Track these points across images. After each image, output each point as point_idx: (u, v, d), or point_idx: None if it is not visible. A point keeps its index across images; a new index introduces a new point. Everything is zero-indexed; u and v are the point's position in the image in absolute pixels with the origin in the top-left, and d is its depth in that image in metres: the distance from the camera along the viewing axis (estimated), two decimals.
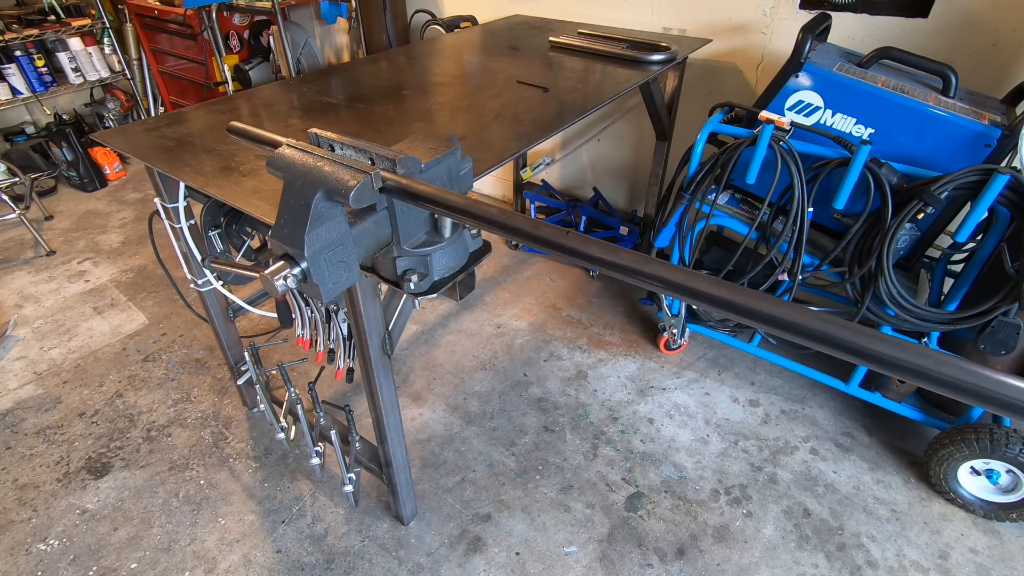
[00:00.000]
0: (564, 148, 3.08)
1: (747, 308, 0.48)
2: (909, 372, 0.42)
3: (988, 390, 0.39)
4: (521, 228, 0.58)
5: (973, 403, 0.39)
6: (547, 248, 0.56)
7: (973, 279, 1.61)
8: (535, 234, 0.57)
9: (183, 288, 1.83)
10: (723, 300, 0.48)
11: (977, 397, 0.39)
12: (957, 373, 0.40)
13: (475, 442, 1.95)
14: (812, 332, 0.45)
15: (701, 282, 0.49)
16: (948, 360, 0.41)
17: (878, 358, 0.43)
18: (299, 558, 1.63)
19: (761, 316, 0.47)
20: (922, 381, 0.41)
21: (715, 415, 2.05)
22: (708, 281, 0.49)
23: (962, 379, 0.40)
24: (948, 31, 1.91)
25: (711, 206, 1.87)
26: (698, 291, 0.50)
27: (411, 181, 0.67)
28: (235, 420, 2.04)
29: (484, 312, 2.53)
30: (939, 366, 0.40)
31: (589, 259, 0.54)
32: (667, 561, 1.62)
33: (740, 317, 0.48)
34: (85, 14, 3.59)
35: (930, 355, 0.41)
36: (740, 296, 0.48)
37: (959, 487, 1.73)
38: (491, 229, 0.60)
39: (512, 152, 1.35)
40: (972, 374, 0.39)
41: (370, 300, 1.19)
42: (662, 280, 0.51)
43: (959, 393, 0.40)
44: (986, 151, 1.53)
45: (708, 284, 0.49)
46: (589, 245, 0.54)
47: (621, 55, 2.04)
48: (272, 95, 1.70)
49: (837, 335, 0.44)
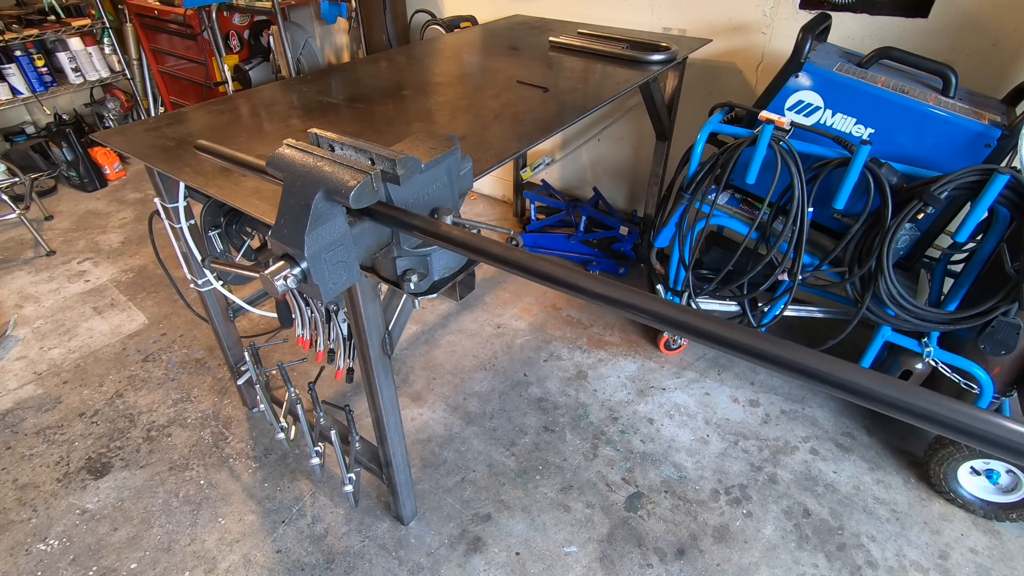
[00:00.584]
0: (564, 148, 3.08)
1: (726, 339, 0.49)
2: (887, 406, 0.43)
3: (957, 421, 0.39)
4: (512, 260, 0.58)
5: (953, 437, 0.40)
6: (522, 273, 0.57)
7: (973, 279, 1.61)
8: (510, 259, 0.57)
9: (183, 288, 1.83)
10: (708, 333, 0.50)
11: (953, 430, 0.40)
12: (927, 405, 0.40)
13: (475, 442, 1.95)
14: (794, 365, 0.46)
15: (691, 317, 0.50)
16: (919, 392, 0.41)
17: (859, 391, 0.44)
18: (299, 558, 1.63)
19: (740, 347, 0.48)
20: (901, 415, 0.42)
21: (715, 415, 2.06)
22: (698, 316, 0.50)
23: (936, 413, 0.41)
24: (948, 31, 1.91)
25: (711, 206, 1.87)
26: (687, 324, 0.51)
27: (398, 212, 0.67)
28: (235, 420, 2.04)
29: (484, 312, 2.53)
30: (911, 398, 0.41)
31: (560, 283, 0.54)
32: (667, 561, 1.62)
33: (721, 348, 0.49)
34: (85, 14, 3.59)
35: (901, 387, 0.42)
36: (720, 329, 0.49)
37: (959, 487, 1.73)
38: (477, 257, 0.60)
39: (512, 152, 1.35)
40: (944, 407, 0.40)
41: (370, 300, 1.19)
42: (655, 315, 0.51)
43: (935, 425, 0.41)
44: (986, 151, 1.53)
45: (698, 319, 0.50)
46: (564, 273, 0.54)
47: (621, 55, 2.04)
48: (272, 95, 1.70)
49: (823, 369, 0.45)
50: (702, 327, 0.49)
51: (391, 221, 0.65)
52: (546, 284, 0.55)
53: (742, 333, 0.47)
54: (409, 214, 0.63)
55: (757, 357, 0.46)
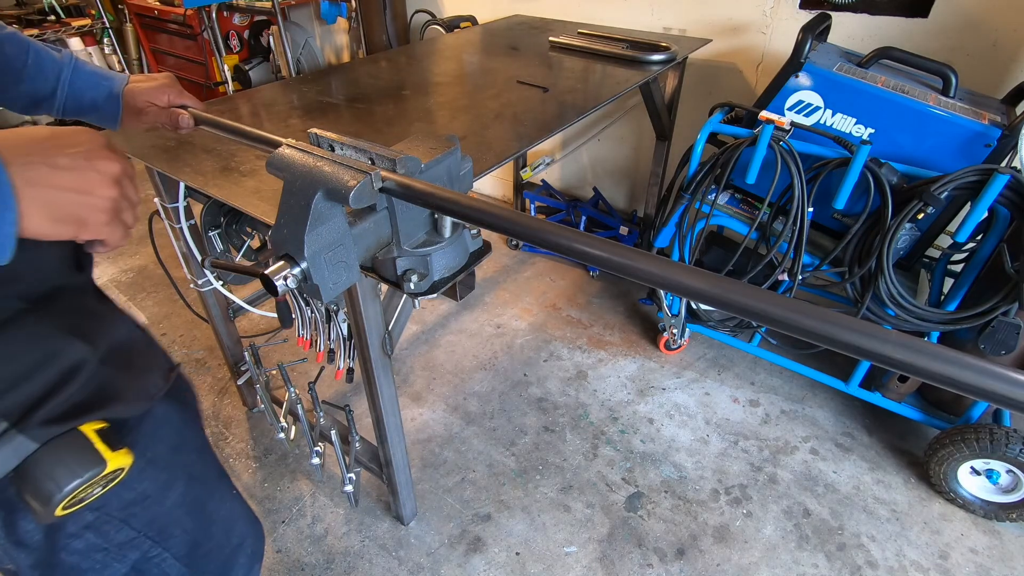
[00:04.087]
0: (564, 148, 3.08)
1: (743, 305, 0.48)
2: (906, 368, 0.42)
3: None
4: (522, 225, 0.57)
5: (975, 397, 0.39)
6: (545, 246, 0.56)
7: (973, 279, 1.61)
8: (533, 232, 0.57)
9: (183, 288, 1.83)
10: (715, 296, 0.49)
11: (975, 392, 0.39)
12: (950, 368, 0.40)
13: (475, 442, 1.95)
14: (808, 330, 0.45)
15: (694, 277, 0.50)
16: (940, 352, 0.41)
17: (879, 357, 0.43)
18: (299, 558, 1.63)
19: (761, 314, 0.47)
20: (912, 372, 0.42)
21: (715, 415, 2.06)
22: (701, 276, 0.50)
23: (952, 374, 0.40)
24: (948, 31, 1.91)
25: (711, 206, 1.87)
26: (690, 287, 0.50)
27: (411, 180, 0.67)
28: (235, 420, 2.04)
29: (484, 312, 2.53)
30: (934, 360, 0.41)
31: (584, 256, 0.54)
32: (667, 561, 1.62)
33: (740, 314, 0.48)
34: (85, 14, 3.59)
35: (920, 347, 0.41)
36: (736, 293, 0.48)
37: (959, 487, 1.73)
38: (491, 227, 0.59)
39: (512, 152, 1.35)
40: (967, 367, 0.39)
41: (370, 300, 1.19)
42: (656, 277, 0.51)
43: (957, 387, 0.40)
44: (986, 151, 1.53)
45: (700, 280, 0.49)
46: (585, 241, 0.54)
47: (621, 55, 2.04)
48: (272, 95, 1.70)
49: (835, 332, 0.44)
50: (721, 292, 0.49)
51: (417, 199, 0.64)
52: (557, 254, 0.54)
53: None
54: (434, 187, 0.62)
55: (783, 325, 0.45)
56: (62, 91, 0.96)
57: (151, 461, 0.79)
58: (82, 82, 0.97)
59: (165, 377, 0.84)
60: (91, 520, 0.73)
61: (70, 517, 0.70)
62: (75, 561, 0.73)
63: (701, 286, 0.49)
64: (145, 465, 0.78)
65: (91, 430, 0.65)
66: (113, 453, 0.65)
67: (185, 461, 0.87)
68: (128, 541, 0.78)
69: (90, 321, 0.74)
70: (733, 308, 0.47)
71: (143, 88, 1.00)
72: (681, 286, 0.50)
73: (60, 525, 0.70)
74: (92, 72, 0.99)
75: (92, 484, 0.64)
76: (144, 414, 0.79)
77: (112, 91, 0.99)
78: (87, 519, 0.72)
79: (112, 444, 0.66)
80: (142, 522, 0.79)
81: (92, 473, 0.63)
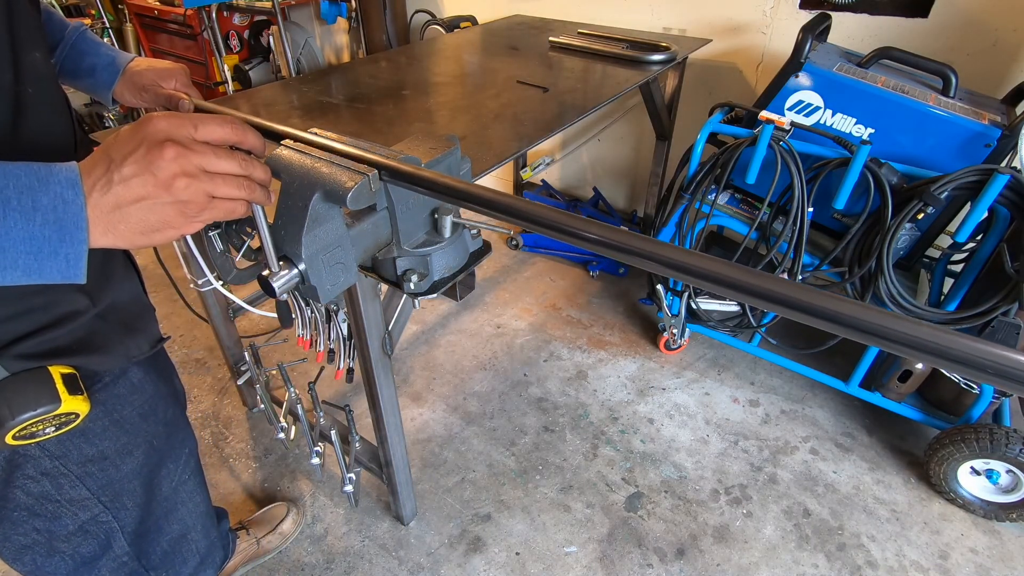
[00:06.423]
0: (564, 148, 3.08)
1: (750, 287, 0.49)
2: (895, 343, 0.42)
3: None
4: (525, 211, 0.57)
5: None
6: (549, 231, 0.55)
7: (973, 279, 1.61)
8: (537, 216, 0.56)
9: (183, 288, 1.83)
10: (718, 277, 0.49)
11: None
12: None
13: (475, 442, 1.95)
14: (812, 309, 0.46)
15: (696, 260, 0.51)
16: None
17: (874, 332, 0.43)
18: (299, 558, 1.63)
19: (765, 295, 0.48)
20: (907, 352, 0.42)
21: (715, 415, 2.05)
22: (703, 259, 0.50)
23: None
24: (948, 31, 1.90)
25: (711, 206, 1.87)
26: (692, 268, 0.51)
27: (411, 168, 0.66)
28: (235, 420, 2.04)
29: (484, 312, 2.53)
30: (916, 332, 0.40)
31: (587, 239, 0.54)
32: (667, 561, 1.62)
33: (747, 298, 0.49)
34: (85, 14, 3.59)
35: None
36: (739, 275, 0.49)
37: (959, 487, 1.72)
38: (492, 213, 0.58)
39: (512, 152, 1.35)
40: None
41: (370, 300, 1.19)
42: (661, 260, 0.51)
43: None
44: (986, 151, 1.53)
45: (703, 262, 0.50)
46: (589, 226, 0.54)
47: (621, 55, 2.04)
48: (272, 95, 1.70)
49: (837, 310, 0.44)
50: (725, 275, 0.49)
51: (419, 184, 0.64)
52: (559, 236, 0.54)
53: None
54: (435, 174, 0.62)
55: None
56: (63, 50, 0.96)
57: (116, 422, 0.82)
58: (86, 46, 0.97)
59: (151, 344, 0.87)
60: (49, 468, 0.77)
61: (29, 460, 0.74)
62: (29, 503, 0.77)
63: (726, 273, 0.50)
64: (110, 424, 0.81)
65: (57, 372, 0.69)
66: (70, 397, 0.69)
67: (150, 431, 0.89)
68: (80, 499, 0.81)
69: (100, 279, 0.77)
70: (745, 291, 0.48)
71: (153, 67, 1.00)
72: (703, 271, 0.50)
73: (19, 464, 0.74)
74: (99, 42, 1.00)
75: (44, 421, 0.68)
76: (120, 376, 0.82)
77: (115, 61, 0.99)
78: (45, 466, 0.76)
79: (72, 389, 0.70)
80: (97, 484, 0.82)
81: (45, 409, 0.67)
